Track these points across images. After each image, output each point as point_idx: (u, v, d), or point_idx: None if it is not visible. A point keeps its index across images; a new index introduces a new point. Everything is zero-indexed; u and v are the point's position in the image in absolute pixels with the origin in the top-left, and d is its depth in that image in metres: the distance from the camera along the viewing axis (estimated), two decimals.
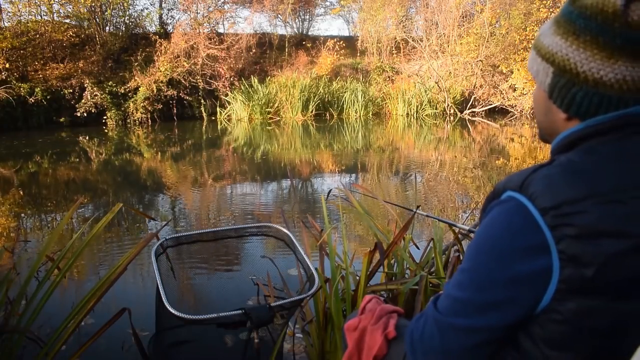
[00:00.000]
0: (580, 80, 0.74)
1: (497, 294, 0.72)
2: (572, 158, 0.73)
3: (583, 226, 0.67)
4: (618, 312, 0.69)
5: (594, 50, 0.73)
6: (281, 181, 6.14)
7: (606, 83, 0.72)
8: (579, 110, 0.76)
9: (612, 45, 0.71)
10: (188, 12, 13.63)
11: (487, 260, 0.73)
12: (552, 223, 0.69)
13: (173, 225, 4.20)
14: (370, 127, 11.98)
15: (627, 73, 0.71)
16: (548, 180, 0.71)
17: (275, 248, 1.94)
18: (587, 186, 0.69)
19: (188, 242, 1.73)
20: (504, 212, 0.74)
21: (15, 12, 11.95)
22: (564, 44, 0.76)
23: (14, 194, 5.53)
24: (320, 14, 19.43)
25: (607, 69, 0.72)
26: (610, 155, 0.72)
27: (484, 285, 0.73)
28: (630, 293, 0.68)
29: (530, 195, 0.71)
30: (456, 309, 0.76)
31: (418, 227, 3.81)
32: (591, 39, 0.73)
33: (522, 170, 0.77)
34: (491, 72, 13.75)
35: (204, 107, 12.78)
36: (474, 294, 0.74)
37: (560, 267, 0.69)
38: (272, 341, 1.64)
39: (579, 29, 0.74)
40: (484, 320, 0.74)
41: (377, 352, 1.08)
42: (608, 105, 0.73)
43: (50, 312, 2.04)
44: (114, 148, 8.99)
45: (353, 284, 1.89)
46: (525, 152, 8.17)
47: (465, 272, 0.76)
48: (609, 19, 0.71)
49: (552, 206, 0.69)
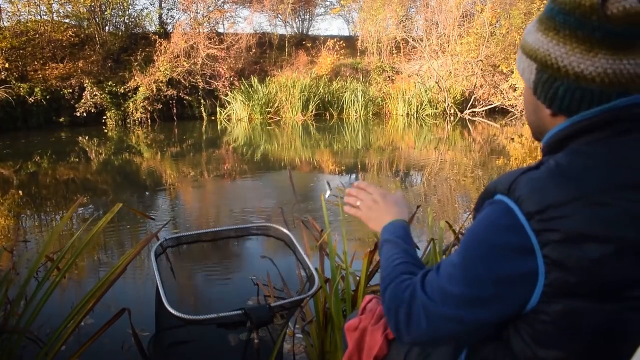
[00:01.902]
0: (562, 75, 0.75)
1: (483, 291, 0.73)
2: (559, 161, 0.73)
3: (567, 230, 0.67)
4: (606, 314, 0.69)
5: (573, 44, 0.73)
6: (281, 181, 6.14)
7: (587, 77, 0.73)
8: (561, 105, 0.76)
9: (591, 38, 0.72)
10: (188, 12, 13.62)
11: (475, 258, 0.74)
12: (537, 227, 0.69)
13: (173, 225, 4.20)
14: (370, 127, 11.98)
15: (607, 66, 0.72)
16: (534, 184, 0.71)
17: (275, 248, 1.93)
18: (572, 190, 0.69)
19: (188, 242, 1.73)
20: (493, 214, 0.75)
21: (15, 12, 11.95)
22: (545, 39, 0.77)
23: (14, 194, 5.53)
24: (320, 13, 19.47)
25: (587, 62, 0.72)
26: (597, 156, 0.72)
27: (471, 282, 0.74)
28: (618, 295, 0.68)
29: (517, 199, 0.71)
30: (445, 300, 0.76)
31: (418, 227, 3.81)
32: (570, 33, 0.73)
33: (512, 171, 0.77)
34: (491, 72, 13.74)
35: (204, 107, 12.77)
36: (463, 288, 0.74)
37: (545, 271, 0.69)
38: (272, 341, 1.64)
39: (559, 24, 0.75)
40: (472, 314, 0.75)
41: (378, 352, 1.08)
42: (590, 99, 0.73)
43: (50, 312, 2.04)
44: (113, 148, 8.98)
45: (353, 284, 1.89)
46: (525, 152, 8.17)
47: (455, 267, 0.77)
48: (586, 13, 0.71)
49: (537, 210, 0.69)
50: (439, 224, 2.17)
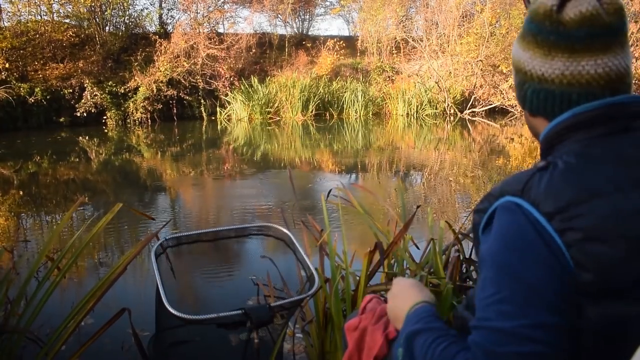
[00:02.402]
0: (528, 78, 0.80)
1: (544, 311, 0.66)
2: (568, 161, 0.73)
3: (588, 228, 0.67)
4: (620, 315, 0.68)
5: (534, 49, 0.78)
6: (281, 181, 6.14)
7: (547, 79, 0.77)
8: (532, 105, 0.82)
9: (548, 42, 0.76)
10: (188, 12, 13.62)
11: (517, 280, 0.68)
12: (559, 227, 0.68)
13: (173, 225, 4.20)
14: (370, 127, 11.98)
15: (564, 68, 0.76)
16: (549, 184, 0.71)
17: (275, 248, 1.93)
18: (589, 188, 0.69)
19: (188, 242, 1.73)
20: (512, 223, 0.71)
21: (15, 12, 11.95)
22: (517, 46, 0.83)
23: (14, 194, 5.53)
24: (320, 13, 19.42)
25: (546, 65, 0.77)
26: (605, 155, 0.73)
27: (525, 305, 0.67)
28: (634, 295, 0.68)
29: (533, 201, 0.70)
30: (511, 340, 0.66)
31: (418, 227, 3.81)
32: (532, 39, 0.79)
33: (519, 173, 0.77)
34: (491, 72, 13.73)
35: (204, 107, 12.77)
36: (522, 321, 0.66)
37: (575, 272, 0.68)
38: (272, 341, 1.64)
39: (525, 31, 0.81)
40: (549, 333, 0.66)
41: (378, 352, 1.08)
42: (553, 100, 0.78)
43: (50, 312, 2.04)
44: (113, 148, 8.98)
45: (353, 284, 1.89)
46: (525, 152, 8.17)
47: (499, 300, 0.68)
48: (541, 19, 0.77)
49: (557, 210, 0.68)
50: (439, 224, 2.17)
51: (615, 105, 0.74)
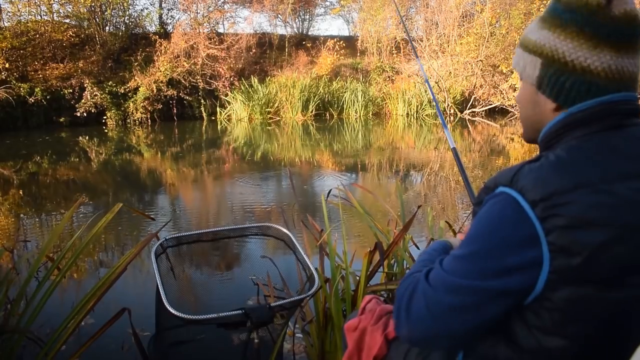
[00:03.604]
0: (569, 69, 0.78)
1: (489, 284, 0.73)
2: (559, 154, 0.76)
3: (571, 216, 0.69)
4: (609, 300, 0.71)
5: (580, 40, 0.77)
6: (281, 181, 6.14)
7: (593, 71, 0.77)
8: (567, 97, 0.80)
9: (598, 36, 0.76)
10: (188, 12, 13.61)
11: (480, 252, 0.75)
12: (542, 215, 0.71)
13: (173, 225, 4.20)
14: (370, 127, 11.98)
15: (611, 62, 0.76)
16: (536, 174, 0.74)
17: (275, 248, 1.94)
18: (575, 177, 0.71)
19: (188, 242, 1.73)
20: (496, 206, 0.76)
21: (15, 12, 11.94)
22: (552, 35, 0.80)
23: (14, 194, 5.53)
24: (320, 14, 19.42)
25: (594, 57, 0.77)
26: (596, 148, 0.76)
27: (476, 275, 0.74)
28: (621, 281, 0.70)
29: (520, 189, 0.74)
30: (449, 291, 0.76)
31: (418, 227, 3.81)
32: (577, 30, 0.78)
33: (512, 166, 0.79)
34: (491, 72, 13.74)
35: (204, 107, 12.76)
36: (468, 281, 0.75)
37: (550, 258, 0.70)
38: (272, 341, 1.64)
39: (565, 22, 0.79)
40: (475, 305, 0.75)
41: (377, 352, 1.08)
42: (596, 91, 0.78)
43: (50, 312, 2.04)
44: (113, 148, 8.98)
45: (353, 284, 1.89)
46: (525, 152, 8.17)
47: (460, 260, 0.77)
48: (593, 12, 0.76)
49: (541, 198, 0.71)
50: (439, 224, 2.17)
51: (608, 104, 0.77)
